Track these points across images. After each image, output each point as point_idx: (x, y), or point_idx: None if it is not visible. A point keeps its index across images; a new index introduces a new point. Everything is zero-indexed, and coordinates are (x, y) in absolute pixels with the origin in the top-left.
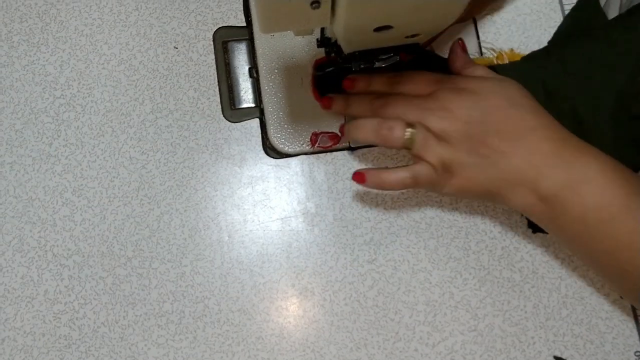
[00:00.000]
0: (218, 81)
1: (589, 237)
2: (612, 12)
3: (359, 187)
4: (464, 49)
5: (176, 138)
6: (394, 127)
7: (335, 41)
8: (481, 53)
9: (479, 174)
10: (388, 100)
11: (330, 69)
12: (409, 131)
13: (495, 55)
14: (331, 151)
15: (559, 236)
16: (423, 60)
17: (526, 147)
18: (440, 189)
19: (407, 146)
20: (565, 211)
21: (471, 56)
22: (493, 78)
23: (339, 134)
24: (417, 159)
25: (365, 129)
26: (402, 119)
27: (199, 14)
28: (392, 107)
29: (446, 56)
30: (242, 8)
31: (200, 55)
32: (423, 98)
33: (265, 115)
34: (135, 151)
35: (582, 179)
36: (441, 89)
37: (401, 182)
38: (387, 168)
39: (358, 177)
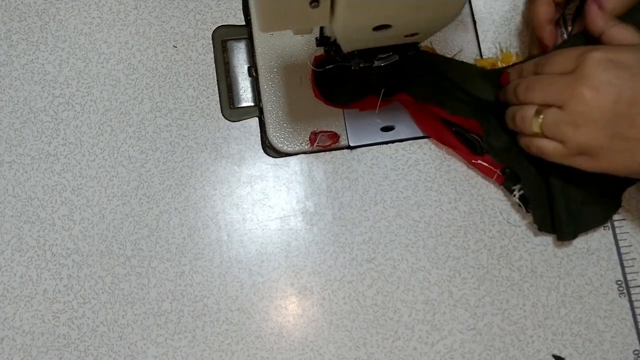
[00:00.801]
0: (217, 80)
1: None
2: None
3: (358, 187)
4: (601, 5)
5: (175, 137)
6: (524, 116)
7: (335, 40)
8: (481, 54)
9: (625, 159)
10: (529, 84)
11: (330, 66)
12: (536, 120)
13: (501, 57)
14: (330, 150)
15: None
16: (423, 60)
17: None
18: (576, 165)
19: (539, 135)
20: None
21: (472, 57)
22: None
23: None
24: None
25: (508, 121)
26: (540, 103)
27: (198, 13)
28: (531, 91)
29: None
30: (241, 7)
31: (200, 54)
32: (566, 76)
33: (265, 114)
34: (134, 150)
35: None
36: (587, 61)
37: (525, 147)
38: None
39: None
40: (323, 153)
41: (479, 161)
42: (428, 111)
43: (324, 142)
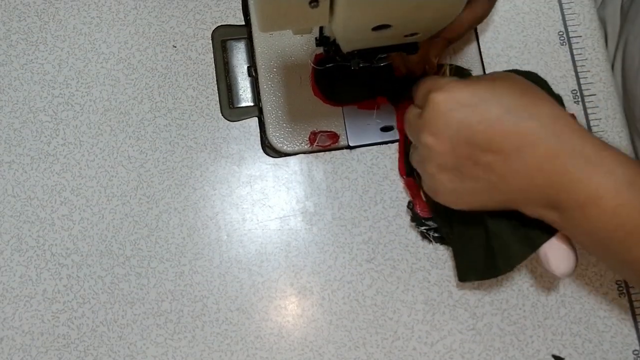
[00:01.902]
0: (217, 80)
1: (615, 244)
2: (612, 10)
3: (358, 187)
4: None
5: (175, 137)
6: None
7: (334, 40)
8: (480, 54)
9: (484, 198)
10: (404, 119)
11: (331, 64)
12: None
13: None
14: (330, 150)
15: (583, 242)
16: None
17: (527, 166)
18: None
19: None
20: (587, 222)
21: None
22: (487, 79)
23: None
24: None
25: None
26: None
27: (198, 13)
28: (405, 126)
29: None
30: (241, 7)
31: (199, 54)
32: (417, 115)
33: (264, 114)
34: (133, 150)
35: (590, 196)
36: (429, 102)
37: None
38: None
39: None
40: (323, 153)
41: (402, 179)
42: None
43: (324, 142)
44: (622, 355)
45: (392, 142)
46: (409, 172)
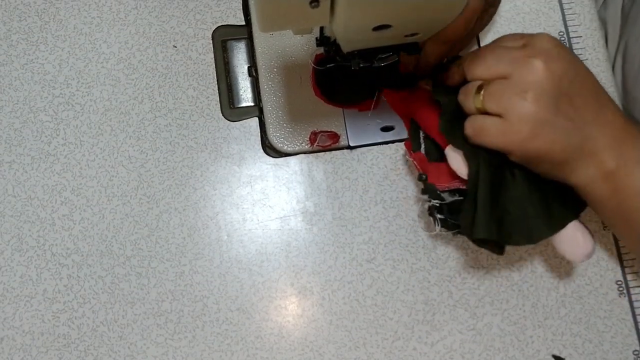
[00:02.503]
0: (217, 80)
1: None
2: (613, 11)
3: (358, 187)
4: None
5: (175, 137)
6: (467, 91)
7: (335, 40)
8: None
9: (563, 137)
10: (476, 56)
11: (331, 65)
12: (478, 95)
13: None
14: (330, 150)
15: (613, 217)
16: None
17: (603, 118)
18: (512, 146)
19: (476, 104)
20: (626, 185)
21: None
22: None
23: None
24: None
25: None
26: (486, 77)
27: (198, 13)
28: (478, 63)
29: None
30: (241, 7)
31: (200, 54)
32: (516, 48)
33: (265, 114)
34: (134, 150)
35: None
36: (538, 37)
37: (466, 130)
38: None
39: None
40: (323, 153)
41: (411, 158)
42: (406, 100)
43: (324, 142)
44: (622, 356)
45: (393, 142)
46: (416, 148)
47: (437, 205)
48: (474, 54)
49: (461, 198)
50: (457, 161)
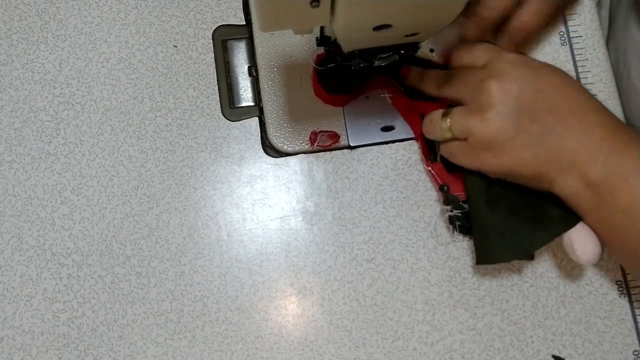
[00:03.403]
0: (217, 80)
1: (633, 229)
2: (604, 13)
3: (358, 187)
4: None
5: (175, 137)
6: (433, 120)
7: (335, 40)
8: None
9: (528, 154)
10: (449, 77)
11: (332, 65)
12: (445, 122)
13: None
14: (330, 150)
15: (599, 228)
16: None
17: (580, 130)
18: (482, 164)
19: (449, 137)
20: (612, 200)
21: None
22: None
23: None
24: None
25: (422, 127)
26: (450, 97)
27: (199, 13)
28: (449, 85)
29: None
30: (241, 6)
31: (200, 54)
32: (476, 70)
33: (265, 114)
34: (134, 150)
35: (634, 169)
36: (496, 59)
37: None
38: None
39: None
40: (323, 153)
41: (429, 168)
42: (415, 112)
43: (324, 142)
44: (622, 356)
45: (393, 142)
46: (433, 160)
47: (459, 214)
48: (447, 75)
49: None
50: (579, 245)
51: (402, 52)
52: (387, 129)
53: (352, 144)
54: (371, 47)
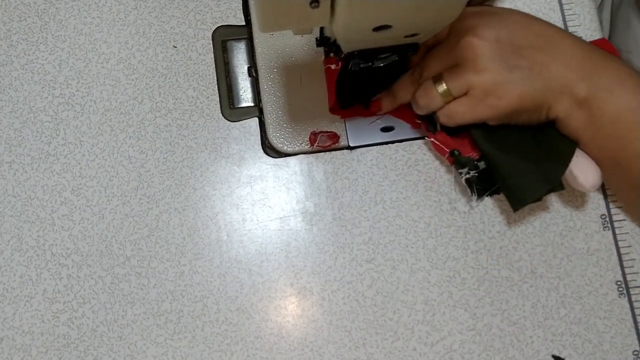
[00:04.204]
0: (217, 80)
1: (621, 139)
2: (606, 14)
3: (358, 187)
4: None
5: (175, 137)
6: (426, 91)
7: (335, 40)
8: None
9: (527, 87)
10: (422, 65)
11: (364, 65)
12: (440, 86)
13: None
14: (330, 150)
15: (593, 147)
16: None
17: (561, 54)
18: (487, 114)
19: (448, 98)
20: (601, 113)
21: None
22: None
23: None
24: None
25: (415, 109)
26: (434, 74)
27: (198, 13)
28: (427, 69)
29: None
30: (241, 7)
31: (200, 54)
32: (445, 41)
33: (265, 114)
34: (134, 150)
35: (615, 80)
36: (458, 20)
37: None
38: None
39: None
40: (323, 153)
41: (432, 139)
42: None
43: (324, 143)
44: (622, 356)
45: (392, 142)
46: (434, 130)
47: (476, 174)
48: (419, 66)
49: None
50: (581, 173)
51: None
52: (386, 129)
53: (351, 145)
54: (371, 48)
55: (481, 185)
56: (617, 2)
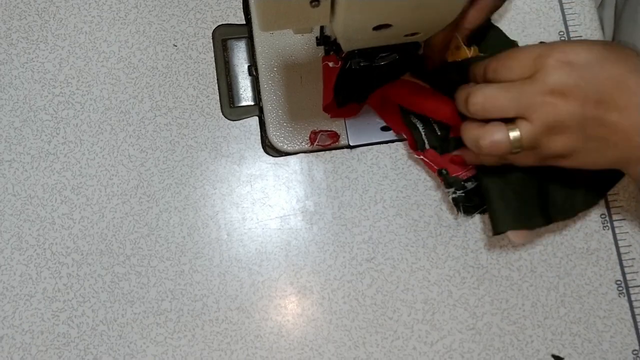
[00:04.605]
0: (217, 79)
1: None
2: (608, 12)
3: (358, 186)
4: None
5: (175, 136)
6: (496, 141)
7: (335, 39)
8: None
9: (600, 158)
10: (485, 95)
11: (364, 63)
12: (512, 134)
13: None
14: (330, 149)
15: None
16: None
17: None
18: (548, 164)
19: (515, 151)
20: None
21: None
22: (600, 42)
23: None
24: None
25: (468, 153)
26: (500, 116)
27: (199, 12)
28: (491, 102)
29: None
30: (241, 6)
31: (200, 53)
32: (526, 82)
33: (265, 113)
34: (134, 149)
35: None
36: (545, 67)
37: (495, 162)
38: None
39: (456, 159)
40: (323, 152)
41: (421, 157)
42: (389, 104)
43: (324, 142)
44: (622, 355)
45: (392, 141)
46: (422, 147)
47: (463, 194)
48: (481, 91)
49: (477, 183)
50: None
51: (398, 57)
52: (386, 128)
53: (351, 144)
54: (371, 47)
55: (469, 203)
56: (622, 0)
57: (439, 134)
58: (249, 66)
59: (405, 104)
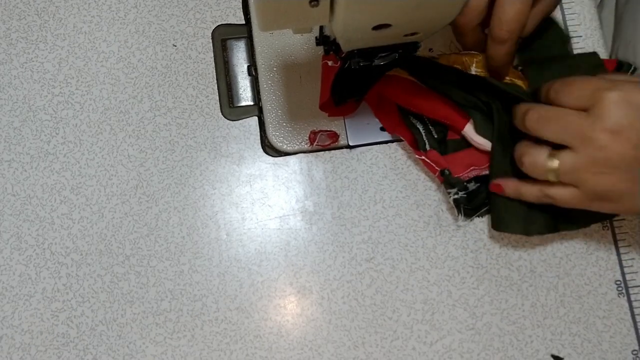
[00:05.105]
0: (217, 79)
1: None
2: (608, 12)
3: (358, 186)
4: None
5: (174, 136)
6: (535, 162)
7: (334, 39)
8: None
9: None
10: (540, 116)
11: (363, 63)
12: (554, 162)
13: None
14: (330, 149)
15: None
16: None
17: None
18: (592, 209)
19: (549, 178)
20: None
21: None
22: None
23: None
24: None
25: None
26: (550, 139)
27: (198, 12)
28: (543, 125)
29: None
30: (241, 6)
31: (199, 53)
32: (581, 114)
33: (264, 113)
34: (133, 149)
35: None
36: (603, 102)
37: (536, 199)
38: (526, 181)
39: (495, 187)
40: (322, 152)
41: (422, 157)
42: (386, 104)
43: (324, 142)
44: (621, 355)
45: (392, 141)
46: (423, 148)
47: (465, 195)
48: (539, 111)
49: (478, 184)
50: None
51: (400, 51)
52: None
53: (351, 144)
54: (370, 47)
55: (470, 205)
56: (623, 1)
57: (435, 136)
58: (248, 66)
59: (403, 102)
